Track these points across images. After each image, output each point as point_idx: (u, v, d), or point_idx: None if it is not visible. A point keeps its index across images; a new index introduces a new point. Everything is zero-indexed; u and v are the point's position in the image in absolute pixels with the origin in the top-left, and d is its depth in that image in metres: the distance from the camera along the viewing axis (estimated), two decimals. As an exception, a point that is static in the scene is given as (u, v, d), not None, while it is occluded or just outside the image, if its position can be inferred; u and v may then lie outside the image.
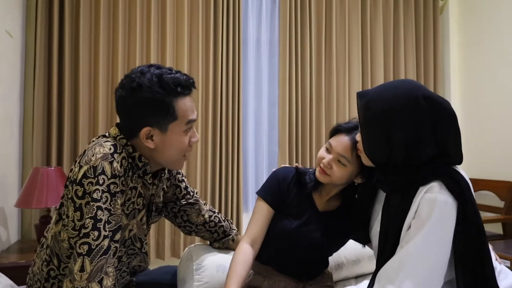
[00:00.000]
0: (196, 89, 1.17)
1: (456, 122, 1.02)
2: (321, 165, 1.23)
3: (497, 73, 2.91)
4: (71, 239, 0.98)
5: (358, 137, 1.12)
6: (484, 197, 2.81)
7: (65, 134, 2.35)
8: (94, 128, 2.44)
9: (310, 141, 2.86)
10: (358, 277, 1.66)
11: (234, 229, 1.51)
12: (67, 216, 1.01)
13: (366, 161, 1.12)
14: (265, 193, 1.32)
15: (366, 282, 1.16)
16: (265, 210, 1.30)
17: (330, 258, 1.44)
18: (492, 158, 2.92)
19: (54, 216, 1.13)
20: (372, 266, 1.67)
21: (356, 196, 1.27)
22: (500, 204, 2.71)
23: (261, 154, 2.89)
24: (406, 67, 3.13)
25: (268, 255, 1.33)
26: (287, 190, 1.31)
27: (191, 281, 1.42)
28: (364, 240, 1.28)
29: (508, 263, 2.07)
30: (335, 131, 1.26)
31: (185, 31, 2.59)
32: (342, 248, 1.42)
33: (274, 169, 1.40)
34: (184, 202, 1.40)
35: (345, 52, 2.97)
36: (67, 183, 1.05)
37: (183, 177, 1.41)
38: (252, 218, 1.32)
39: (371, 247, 1.39)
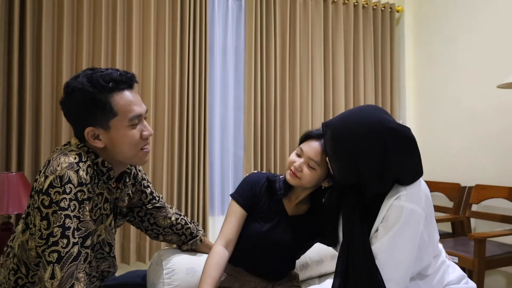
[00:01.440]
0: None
1: (416, 146, 1.12)
2: (292, 168, 1.29)
3: (448, 83, 3.13)
4: (38, 248, 1.00)
5: (327, 161, 1.21)
6: (435, 198, 3.02)
7: (26, 138, 2.28)
8: (56, 132, 2.39)
9: (275, 145, 2.94)
10: (321, 276, 1.75)
11: (201, 230, 1.56)
12: (34, 225, 1.03)
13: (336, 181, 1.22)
14: (238, 195, 1.38)
15: (329, 281, 1.25)
16: (238, 213, 1.36)
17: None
18: (442, 162, 3.14)
19: (20, 225, 1.14)
20: (334, 265, 1.77)
21: (324, 199, 1.35)
22: (449, 204, 2.92)
23: (227, 158, 2.93)
24: (365, 75, 3.29)
25: (239, 256, 1.39)
26: (259, 195, 1.37)
27: (161, 285, 1.45)
28: (333, 242, 1.36)
29: (456, 259, 2.25)
30: (306, 137, 1.33)
31: (151, 37, 2.59)
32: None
33: (248, 174, 1.46)
34: (150, 207, 1.43)
35: (308, 59, 3.07)
36: (33, 193, 1.07)
37: (149, 183, 1.44)
38: (226, 220, 1.37)
39: (336, 248, 1.49)
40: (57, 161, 1.04)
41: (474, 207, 2.79)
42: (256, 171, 1.49)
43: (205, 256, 1.55)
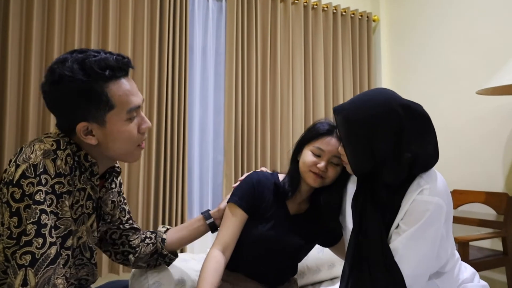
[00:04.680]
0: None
1: (431, 123, 1.11)
2: (315, 170, 1.23)
3: (424, 91, 3.19)
4: (7, 250, 0.84)
5: (340, 149, 1.16)
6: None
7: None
8: (22, 129, 2.19)
9: (256, 150, 2.86)
10: (315, 284, 1.69)
11: (161, 231, 1.36)
12: (2, 224, 0.87)
13: (349, 171, 1.16)
14: (239, 198, 1.28)
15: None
16: (238, 216, 1.27)
17: (294, 267, 1.43)
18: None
19: None
20: (330, 274, 1.71)
21: (325, 197, 1.29)
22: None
23: (206, 163, 2.82)
24: (344, 81, 3.30)
25: (239, 261, 1.30)
26: (262, 195, 1.30)
27: (148, 298, 1.32)
28: (333, 241, 1.36)
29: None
30: (317, 135, 1.27)
31: (128, 36, 2.46)
32: (305, 259, 1.43)
33: (246, 174, 1.38)
34: (128, 226, 1.29)
35: (288, 63, 3.04)
36: (1, 185, 0.90)
37: (125, 201, 1.30)
38: (224, 224, 1.28)
39: (334, 251, 1.44)
40: (31, 148, 0.90)
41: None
42: (256, 171, 1.40)
43: (195, 265, 1.45)
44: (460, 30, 2.93)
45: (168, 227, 1.38)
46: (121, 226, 1.28)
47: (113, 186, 1.17)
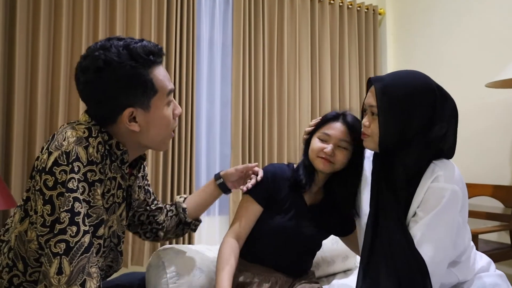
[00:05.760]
0: None
1: (457, 114, 1.14)
2: (323, 155, 1.25)
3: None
4: (41, 238, 0.84)
5: (365, 121, 1.16)
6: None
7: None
8: (30, 123, 2.18)
9: (263, 143, 2.85)
10: (329, 276, 1.69)
11: (179, 201, 1.38)
12: (35, 212, 0.87)
13: (371, 144, 1.15)
14: (254, 191, 1.29)
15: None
16: (253, 209, 1.29)
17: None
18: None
19: (17, 214, 0.96)
20: (344, 266, 1.72)
21: (341, 188, 1.30)
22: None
23: (213, 157, 2.81)
24: (350, 73, 3.29)
25: (259, 253, 1.31)
26: (278, 187, 1.30)
27: (165, 289, 1.31)
28: (348, 230, 1.37)
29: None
30: (324, 122, 1.30)
31: (136, 30, 2.44)
32: (319, 250, 1.44)
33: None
34: (154, 207, 1.31)
35: (295, 56, 3.03)
36: (34, 173, 0.90)
37: (149, 182, 1.32)
38: (238, 215, 1.30)
39: (347, 242, 1.44)
40: (63, 135, 0.89)
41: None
42: (272, 163, 1.41)
43: (211, 255, 1.44)
44: (468, 23, 2.92)
45: (185, 196, 1.40)
46: (147, 207, 1.29)
47: (140, 173, 1.16)
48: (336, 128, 1.26)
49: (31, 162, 2.17)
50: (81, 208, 0.85)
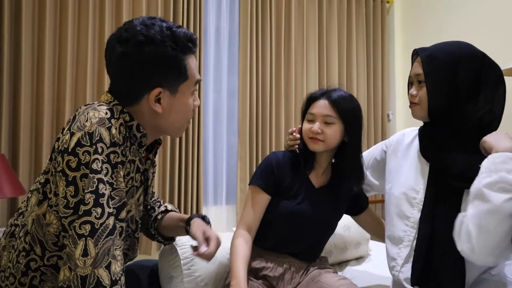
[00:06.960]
0: None
1: (503, 81, 1.12)
2: (311, 135, 1.25)
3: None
4: (64, 220, 0.82)
5: (412, 90, 1.18)
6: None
7: (3, 118, 2.07)
8: (37, 111, 2.18)
9: (270, 131, 2.84)
10: (341, 263, 1.68)
11: (161, 210, 1.31)
12: (56, 194, 0.85)
13: (419, 112, 1.17)
14: (260, 180, 1.29)
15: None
16: (260, 198, 1.28)
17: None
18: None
19: (34, 197, 0.94)
20: (356, 253, 1.71)
21: (346, 166, 1.31)
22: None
23: (220, 146, 2.80)
24: (357, 63, 3.25)
25: (272, 239, 1.31)
26: (283, 174, 1.30)
27: (180, 277, 1.31)
28: (359, 209, 1.41)
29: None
30: (309, 100, 1.32)
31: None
32: (332, 237, 1.43)
33: (266, 157, 1.38)
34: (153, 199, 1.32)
35: (302, 45, 3.00)
36: (54, 154, 0.88)
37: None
38: (246, 206, 1.29)
39: (359, 221, 1.44)
40: (85, 115, 0.87)
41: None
42: (274, 152, 1.40)
43: (224, 242, 1.43)
44: (477, 10, 2.88)
45: (175, 209, 1.33)
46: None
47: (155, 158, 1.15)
48: (319, 106, 1.27)
49: (39, 151, 2.17)
50: (105, 189, 0.83)
